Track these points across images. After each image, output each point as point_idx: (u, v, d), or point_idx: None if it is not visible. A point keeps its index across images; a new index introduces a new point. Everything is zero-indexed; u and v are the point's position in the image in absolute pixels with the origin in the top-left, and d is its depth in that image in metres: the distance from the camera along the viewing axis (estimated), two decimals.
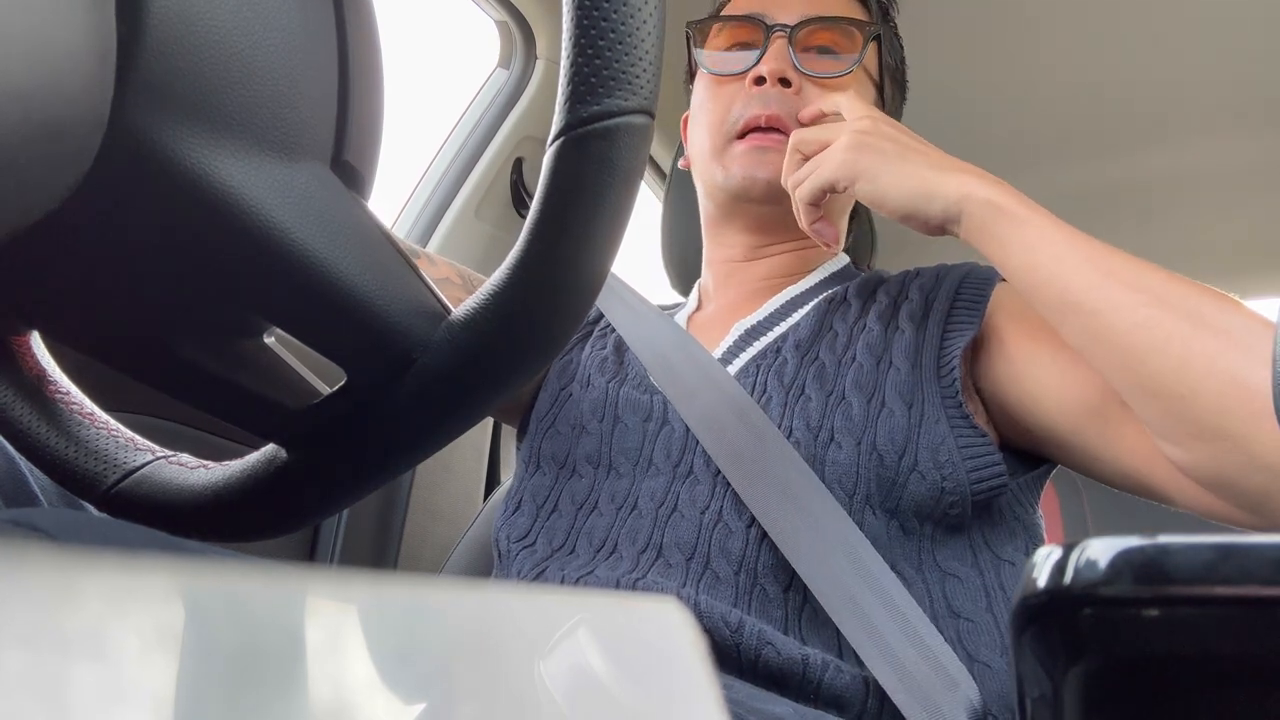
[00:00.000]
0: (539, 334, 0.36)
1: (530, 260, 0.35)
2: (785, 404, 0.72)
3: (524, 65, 1.28)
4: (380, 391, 0.36)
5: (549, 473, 0.79)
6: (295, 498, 0.41)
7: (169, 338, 0.34)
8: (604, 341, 0.88)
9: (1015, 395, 0.71)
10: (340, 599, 0.15)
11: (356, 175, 0.34)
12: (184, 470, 0.44)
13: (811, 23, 0.84)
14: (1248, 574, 0.21)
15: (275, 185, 0.31)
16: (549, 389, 0.87)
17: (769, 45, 0.83)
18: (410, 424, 0.37)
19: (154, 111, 0.28)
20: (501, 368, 0.37)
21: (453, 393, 0.36)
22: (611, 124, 0.33)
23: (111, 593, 0.12)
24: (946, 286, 0.78)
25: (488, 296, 0.36)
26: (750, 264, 0.89)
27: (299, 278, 0.32)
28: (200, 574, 0.13)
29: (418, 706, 0.15)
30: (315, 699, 0.14)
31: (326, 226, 0.32)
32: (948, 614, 0.65)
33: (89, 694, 0.11)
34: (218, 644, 0.13)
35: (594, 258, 0.35)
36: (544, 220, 0.34)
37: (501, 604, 0.18)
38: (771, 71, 0.82)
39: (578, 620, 0.19)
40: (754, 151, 0.82)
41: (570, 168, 0.33)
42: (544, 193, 0.34)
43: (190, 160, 0.29)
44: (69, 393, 0.46)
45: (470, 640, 0.17)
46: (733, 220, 0.88)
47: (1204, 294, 0.60)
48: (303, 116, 0.32)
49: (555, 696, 0.18)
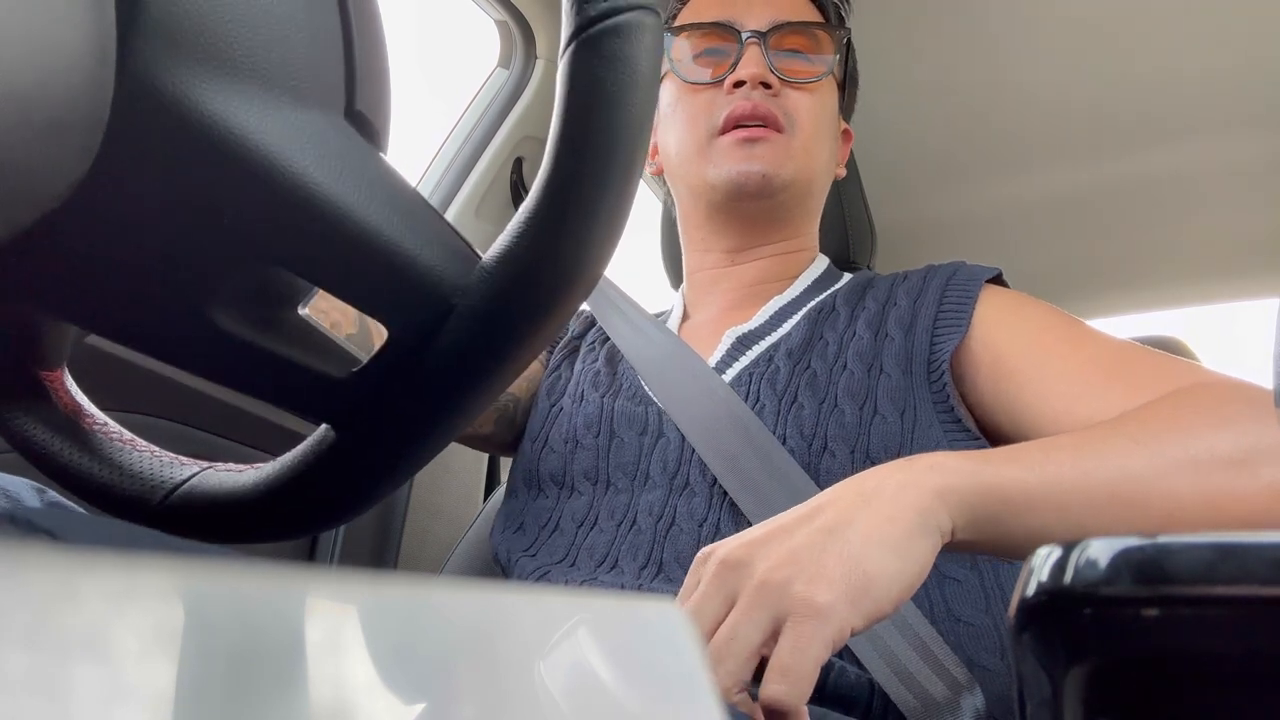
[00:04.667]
0: (575, 259, 0.35)
1: (557, 181, 0.34)
2: (779, 412, 0.72)
3: (524, 65, 1.28)
4: (424, 344, 0.35)
5: (550, 494, 0.79)
6: (351, 480, 0.40)
7: (207, 307, 0.33)
8: (595, 355, 0.88)
9: (1007, 418, 0.71)
10: (340, 599, 0.15)
11: (370, 127, 0.34)
12: (232, 474, 0.43)
13: (782, 28, 0.86)
14: (1248, 574, 0.21)
15: (295, 132, 0.30)
16: (539, 407, 0.87)
17: (743, 51, 0.84)
18: (455, 377, 0.36)
19: (164, 56, 0.27)
20: (541, 304, 0.35)
21: (495, 336, 0.35)
22: (623, 20, 0.32)
23: (111, 593, 0.12)
24: (933, 290, 0.78)
25: (519, 227, 0.34)
26: (731, 270, 0.89)
27: (329, 228, 0.31)
28: (200, 574, 0.13)
29: (418, 706, 0.15)
30: (315, 699, 0.14)
31: (350, 174, 0.32)
32: (947, 618, 0.65)
33: (89, 694, 0.11)
34: (218, 644, 0.13)
35: (622, 168, 0.34)
36: (567, 134, 0.33)
37: (501, 604, 0.18)
38: (752, 76, 0.83)
39: (578, 621, 0.19)
40: (743, 144, 0.82)
41: (587, 71, 0.32)
42: (563, 106, 0.33)
43: (208, 108, 0.28)
44: (106, 423, 0.45)
45: (470, 640, 0.17)
46: (722, 220, 0.88)
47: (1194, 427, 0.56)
48: (311, 61, 0.31)
49: (555, 697, 0.18)
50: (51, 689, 0.11)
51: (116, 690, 0.11)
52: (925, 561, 0.47)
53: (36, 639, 0.11)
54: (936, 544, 0.48)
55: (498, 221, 1.26)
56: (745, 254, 0.89)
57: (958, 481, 0.50)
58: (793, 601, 0.43)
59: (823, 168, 0.88)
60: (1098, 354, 0.69)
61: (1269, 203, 1.50)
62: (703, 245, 0.91)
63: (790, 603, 0.43)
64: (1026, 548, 0.29)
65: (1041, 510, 0.51)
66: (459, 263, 0.34)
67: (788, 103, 0.84)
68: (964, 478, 0.50)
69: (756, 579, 0.44)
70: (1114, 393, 0.64)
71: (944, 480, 0.49)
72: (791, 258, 0.89)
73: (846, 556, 0.45)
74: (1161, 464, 0.54)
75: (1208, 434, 0.56)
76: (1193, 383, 0.62)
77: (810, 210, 0.90)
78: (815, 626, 0.42)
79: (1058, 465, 0.53)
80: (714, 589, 0.45)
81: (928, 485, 0.49)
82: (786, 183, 0.83)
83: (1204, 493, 0.53)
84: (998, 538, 0.51)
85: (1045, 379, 0.69)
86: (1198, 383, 0.62)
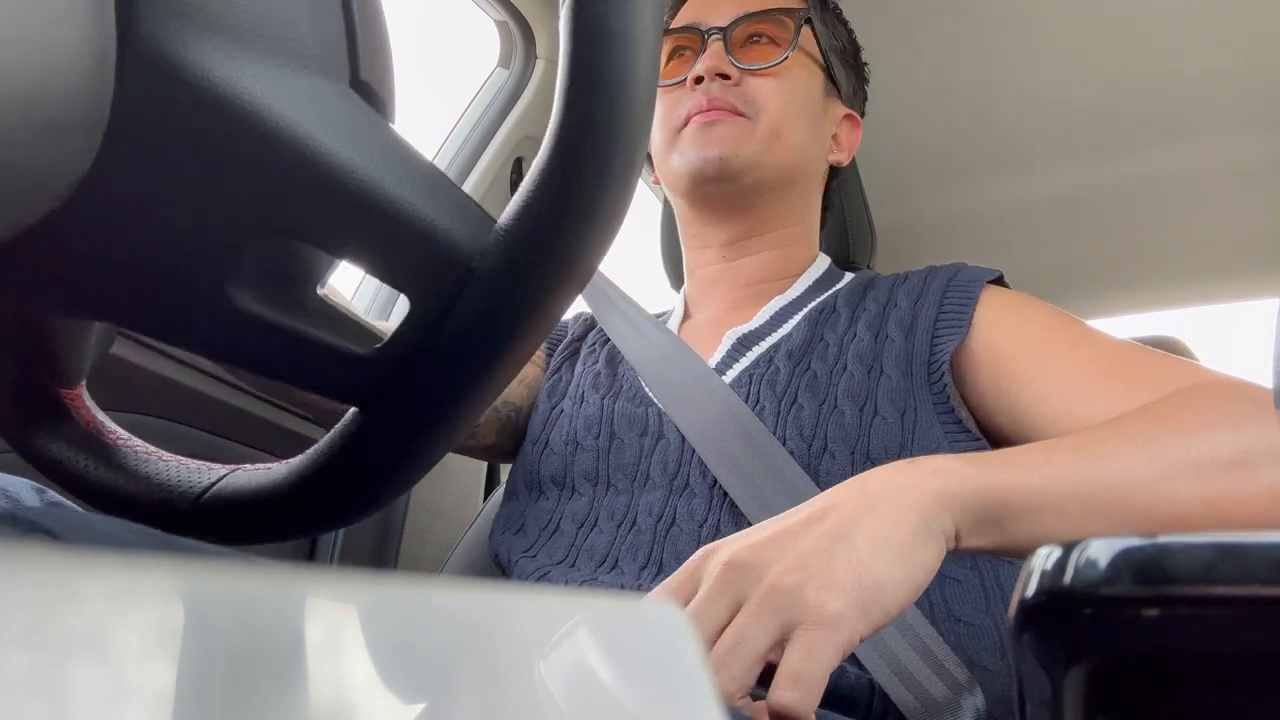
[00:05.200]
0: (594, 213, 0.34)
1: (569, 127, 0.33)
2: (778, 413, 0.72)
3: (524, 65, 1.28)
4: (446, 312, 0.34)
5: (550, 496, 0.79)
6: (382, 463, 0.39)
7: (225, 287, 0.32)
8: (595, 357, 0.89)
9: (1007, 419, 0.71)
10: (340, 599, 0.15)
11: (377, 98, 0.34)
12: (260, 471, 0.43)
13: (743, 20, 0.87)
14: (1248, 574, 0.21)
15: (303, 99, 0.30)
16: (539, 410, 0.87)
17: (706, 48, 0.86)
18: (480, 343, 0.35)
19: (167, 22, 0.27)
20: (560, 264, 0.35)
21: (518, 298, 0.35)
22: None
23: (111, 593, 0.12)
24: (934, 291, 0.78)
25: (534, 183, 0.34)
26: (729, 267, 0.89)
27: (344, 196, 0.31)
28: (200, 574, 0.13)
29: (418, 706, 0.15)
30: (315, 699, 0.14)
31: (361, 141, 0.31)
32: (947, 618, 0.65)
33: (89, 694, 0.11)
34: (218, 644, 0.13)
35: (633, 107, 0.33)
36: (575, 76, 0.32)
37: (501, 604, 0.18)
38: (709, 69, 0.85)
39: (578, 621, 0.19)
40: (701, 129, 0.84)
41: (591, 9, 0.32)
42: (570, 45, 0.33)
43: (215, 75, 0.28)
44: (128, 437, 0.45)
45: (470, 640, 0.17)
46: (702, 210, 0.89)
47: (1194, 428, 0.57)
48: (315, 30, 0.31)
49: (555, 697, 0.18)
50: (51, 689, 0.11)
51: (116, 690, 0.11)
52: (930, 568, 0.47)
53: (36, 639, 0.11)
54: (941, 550, 0.48)
55: None
56: (740, 248, 0.89)
57: (960, 486, 0.50)
58: (804, 609, 0.42)
59: (800, 151, 0.88)
60: (1098, 354, 0.69)
61: (1269, 203, 1.50)
62: (697, 242, 0.92)
63: (801, 610, 0.42)
64: (1028, 551, 0.28)
65: (1042, 514, 0.51)
66: (475, 226, 0.34)
67: (749, 90, 0.85)
68: (966, 482, 0.50)
69: (766, 583, 0.44)
70: (1115, 393, 0.64)
71: (946, 484, 0.49)
72: (790, 255, 0.89)
73: (856, 564, 0.44)
74: (1162, 466, 0.54)
75: (1208, 435, 0.56)
76: (1193, 383, 0.62)
77: (797, 198, 0.90)
78: (827, 635, 0.42)
79: (1058, 468, 0.53)
80: (719, 591, 0.44)
81: (930, 489, 0.49)
82: (748, 163, 0.83)
83: (1205, 495, 0.53)
84: (1000, 541, 0.51)
85: (1046, 379, 0.69)
86: (1198, 383, 0.62)
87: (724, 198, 0.86)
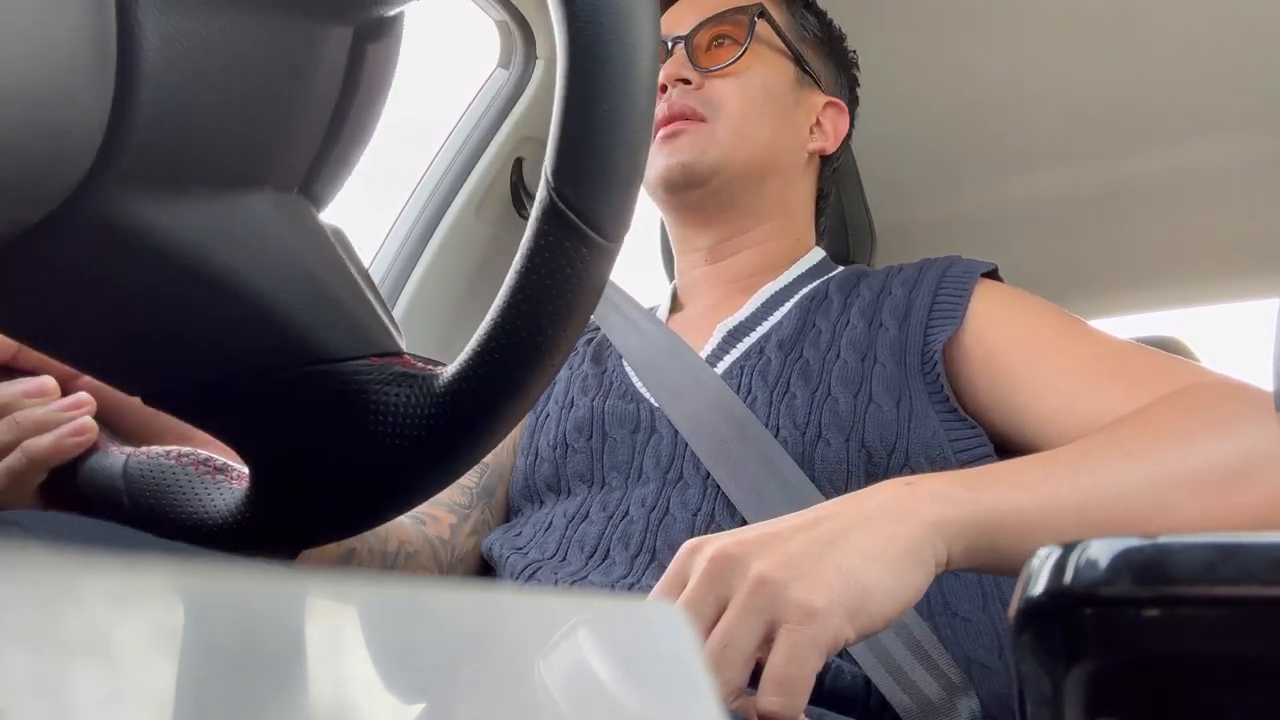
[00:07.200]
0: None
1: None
2: (771, 403, 0.72)
3: (524, 65, 1.28)
4: None
5: (548, 501, 0.79)
6: None
7: None
8: (579, 358, 0.89)
9: (1000, 415, 0.71)
10: (340, 599, 0.15)
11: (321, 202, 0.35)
12: None
13: (704, 25, 0.88)
14: (1248, 574, 0.21)
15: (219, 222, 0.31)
16: (524, 421, 0.87)
17: (670, 58, 0.88)
18: None
19: (128, 192, 0.28)
20: None
21: None
22: None
23: (111, 593, 0.12)
24: (928, 281, 0.78)
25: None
26: (717, 266, 0.90)
27: None
28: (200, 574, 0.13)
29: (418, 706, 0.15)
30: (315, 699, 0.14)
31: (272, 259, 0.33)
32: (944, 612, 0.65)
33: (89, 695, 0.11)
34: (218, 644, 0.13)
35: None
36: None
37: (501, 605, 0.18)
38: (669, 75, 0.86)
39: (577, 621, 0.19)
40: (665, 141, 0.85)
41: None
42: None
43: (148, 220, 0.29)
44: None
45: (470, 640, 0.17)
46: (677, 216, 0.90)
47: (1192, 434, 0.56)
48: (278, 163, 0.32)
49: (555, 697, 0.18)
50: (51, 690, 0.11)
51: (116, 691, 0.11)
52: (919, 588, 0.47)
53: (36, 640, 0.11)
54: (931, 574, 0.48)
55: (497, 222, 1.26)
56: (724, 249, 0.89)
57: (956, 512, 0.50)
58: (788, 605, 0.42)
59: (768, 145, 0.88)
60: (1099, 353, 0.68)
61: (1269, 203, 1.50)
62: (683, 247, 0.93)
63: (785, 607, 0.42)
64: (1019, 569, 0.27)
65: (1039, 534, 0.51)
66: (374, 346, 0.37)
67: (709, 92, 0.86)
68: (963, 507, 0.50)
69: (751, 578, 0.43)
70: (1116, 392, 0.64)
71: (943, 512, 0.49)
72: (777, 249, 0.89)
73: (845, 568, 0.44)
74: (1160, 475, 0.54)
75: (1205, 441, 0.56)
76: (1192, 383, 0.62)
77: (774, 192, 0.90)
78: (810, 633, 0.41)
79: (1055, 487, 0.53)
80: (705, 587, 0.44)
81: (929, 517, 0.49)
82: (713, 168, 0.84)
83: (1202, 505, 0.54)
84: (991, 562, 0.52)
85: (1041, 377, 0.69)
86: (1197, 383, 0.62)
87: (699, 202, 0.87)
